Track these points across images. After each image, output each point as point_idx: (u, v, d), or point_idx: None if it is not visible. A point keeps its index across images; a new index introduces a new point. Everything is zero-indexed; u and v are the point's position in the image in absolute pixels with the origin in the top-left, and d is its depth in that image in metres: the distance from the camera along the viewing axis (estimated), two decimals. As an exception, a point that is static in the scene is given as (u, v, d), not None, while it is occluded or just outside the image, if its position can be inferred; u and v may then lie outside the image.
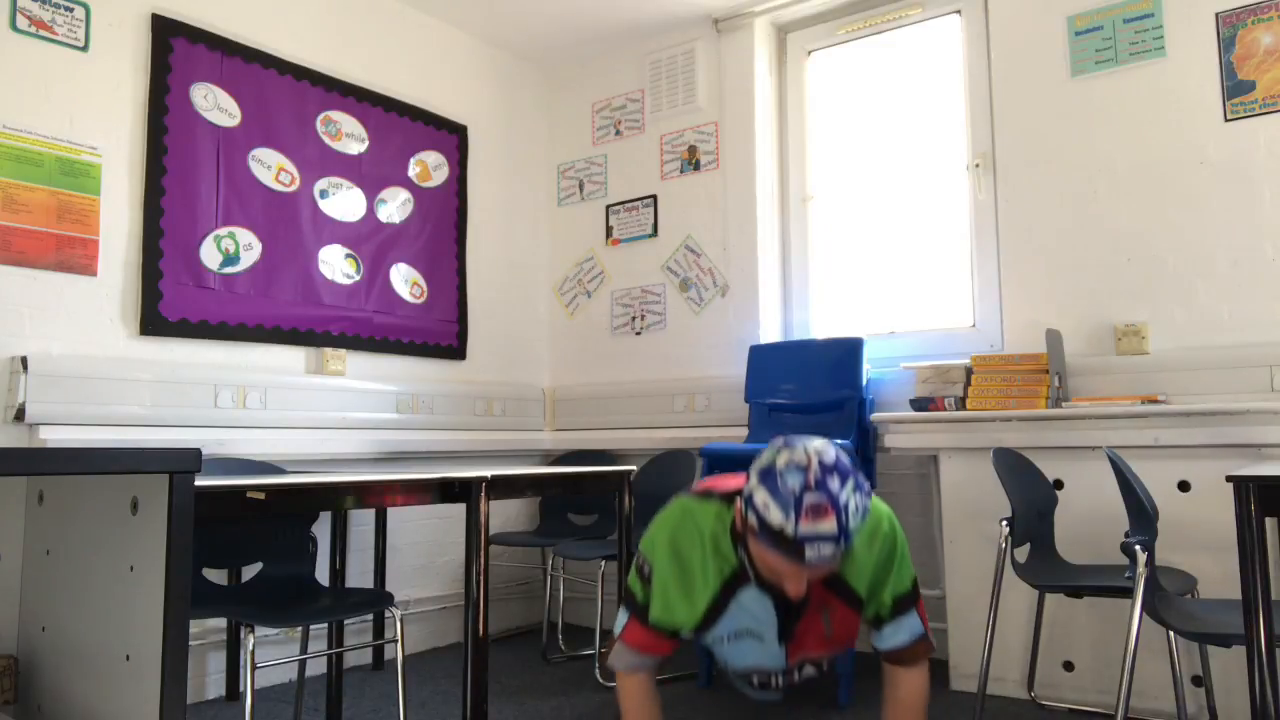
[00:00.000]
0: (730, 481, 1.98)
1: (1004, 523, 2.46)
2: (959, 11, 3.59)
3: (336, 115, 3.59)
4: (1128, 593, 2.10)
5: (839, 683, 2.87)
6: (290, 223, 3.39)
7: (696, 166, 4.08)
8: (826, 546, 1.61)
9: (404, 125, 3.86)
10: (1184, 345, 2.96)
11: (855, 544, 1.83)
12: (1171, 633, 2.28)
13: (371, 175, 3.71)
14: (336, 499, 2.12)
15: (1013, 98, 3.34)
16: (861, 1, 3.79)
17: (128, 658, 1.26)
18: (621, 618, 1.98)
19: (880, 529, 1.88)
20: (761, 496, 1.66)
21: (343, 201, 3.59)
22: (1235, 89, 2.94)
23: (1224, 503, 2.56)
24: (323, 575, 2.66)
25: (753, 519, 1.67)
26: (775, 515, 1.62)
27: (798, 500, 1.61)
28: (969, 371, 3.12)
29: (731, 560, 1.85)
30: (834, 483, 1.63)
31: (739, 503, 1.75)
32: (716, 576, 1.86)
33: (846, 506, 1.62)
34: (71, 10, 2.85)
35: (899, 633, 1.89)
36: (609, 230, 4.33)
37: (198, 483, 1.25)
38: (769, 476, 1.67)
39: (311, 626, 2.88)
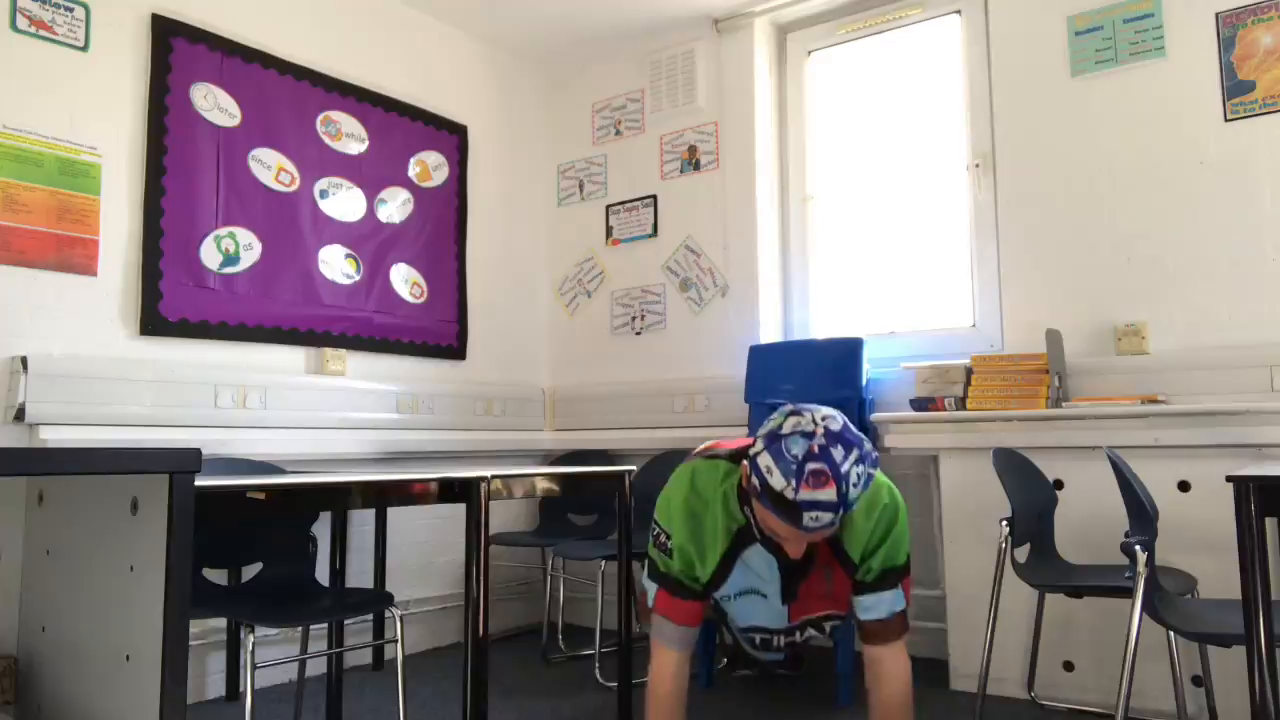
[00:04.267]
0: (736, 442, 2.02)
1: (1004, 523, 2.46)
2: (959, 11, 3.59)
3: (336, 115, 3.59)
4: (1128, 593, 2.10)
5: (839, 682, 2.87)
6: (290, 223, 3.39)
7: (696, 166, 4.08)
8: (825, 514, 1.66)
9: (404, 125, 3.86)
10: (1184, 345, 2.96)
11: (854, 512, 1.87)
12: (1171, 633, 2.28)
13: (371, 175, 3.71)
14: (336, 499, 2.12)
15: (1013, 98, 3.34)
16: (861, 1, 3.79)
17: (128, 658, 1.26)
18: (650, 589, 2.03)
19: (879, 499, 1.92)
20: (766, 460, 1.70)
21: (343, 201, 3.59)
22: (1235, 89, 2.94)
23: (1224, 503, 2.56)
24: (323, 575, 2.66)
25: (756, 481, 1.71)
26: (777, 479, 1.66)
27: (800, 466, 1.65)
28: (969, 371, 3.12)
29: (739, 518, 1.90)
30: (838, 451, 1.67)
31: (745, 463, 1.79)
32: (725, 534, 1.91)
33: (848, 476, 1.66)
34: (71, 10, 2.85)
35: (879, 605, 1.92)
36: (609, 230, 4.33)
37: (198, 483, 1.25)
38: (775, 441, 1.70)
39: (311, 626, 2.88)
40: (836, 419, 1.73)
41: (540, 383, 4.42)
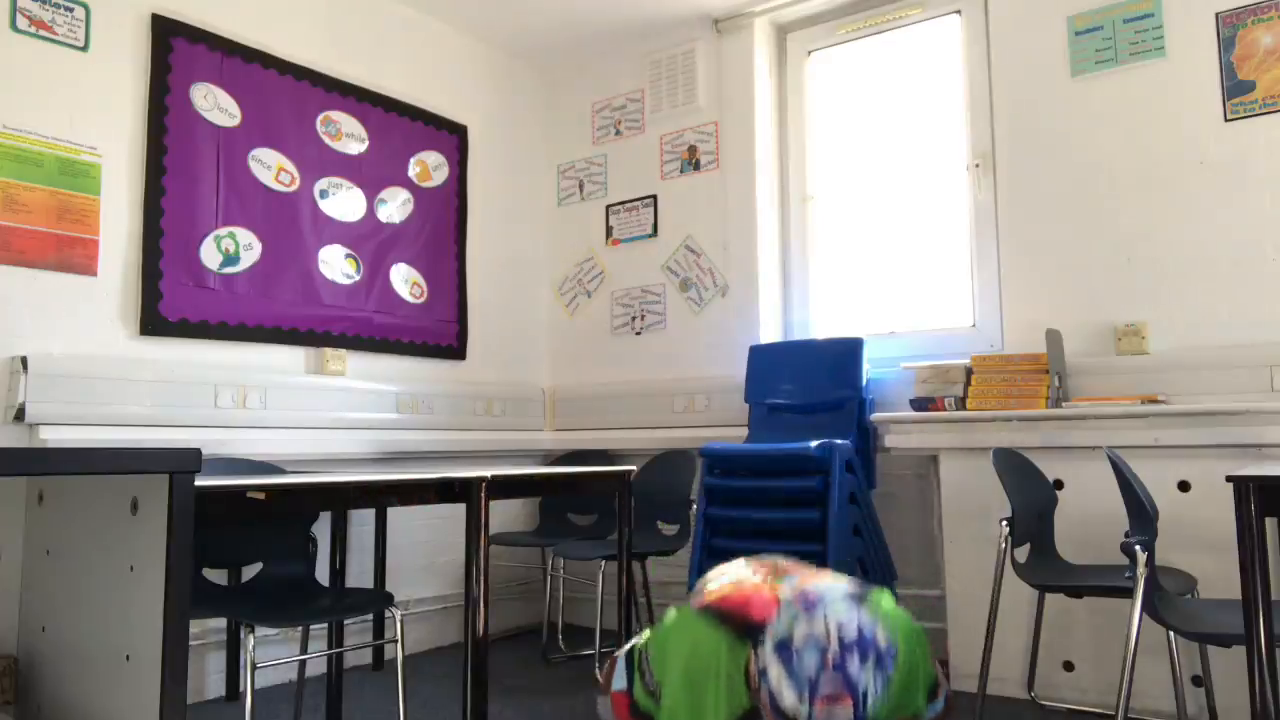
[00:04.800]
0: (743, 596, 1.81)
1: (1004, 523, 2.46)
2: (959, 11, 3.59)
3: (336, 115, 3.59)
4: (1128, 593, 2.10)
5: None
6: (290, 223, 3.39)
7: (696, 166, 4.08)
8: None
9: (404, 125, 3.86)
10: (1184, 345, 2.96)
11: None
12: (1171, 633, 2.28)
13: (371, 175, 3.71)
14: (336, 499, 2.12)
15: (1013, 98, 3.34)
16: (861, 1, 3.79)
17: (128, 658, 1.26)
18: (619, 683, 1.89)
19: (898, 662, 1.75)
20: (776, 671, 1.57)
21: (343, 201, 3.59)
22: (1235, 89, 2.94)
23: (1224, 503, 2.56)
24: (323, 575, 2.66)
25: (765, 694, 1.58)
26: (789, 698, 1.54)
27: (814, 685, 1.52)
28: (969, 371, 3.12)
29: (744, 703, 1.74)
30: (853, 664, 1.54)
31: (753, 662, 1.64)
32: (728, 714, 1.75)
33: (866, 694, 1.53)
34: (71, 10, 2.85)
35: (931, 714, 1.80)
36: (609, 230, 4.33)
37: (198, 483, 1.25)
38: (785, 651, 1.57)
39: (311, 626, 2.88)
40: (852, 622, 1.58)
41: (540, 383, 4.41)
